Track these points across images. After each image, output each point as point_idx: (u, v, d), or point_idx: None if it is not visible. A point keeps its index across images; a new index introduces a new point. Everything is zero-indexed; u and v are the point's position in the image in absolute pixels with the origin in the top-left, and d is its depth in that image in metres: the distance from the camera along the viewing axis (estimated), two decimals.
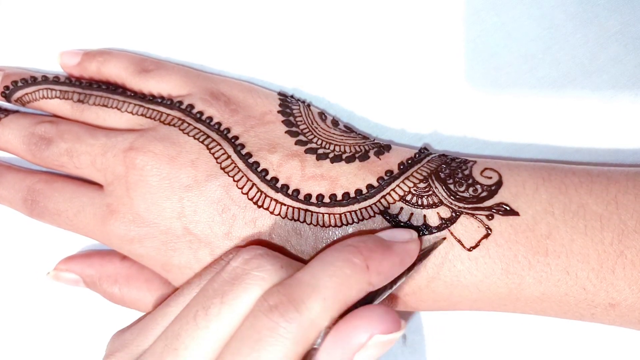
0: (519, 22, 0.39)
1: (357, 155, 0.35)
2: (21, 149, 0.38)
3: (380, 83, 0.40)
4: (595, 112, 0.38)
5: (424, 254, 0.32)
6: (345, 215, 0.33)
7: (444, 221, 0.32)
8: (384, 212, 0.33)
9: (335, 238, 0.33)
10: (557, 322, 0.38)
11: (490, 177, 0.33)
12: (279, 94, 0.39)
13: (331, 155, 0.35)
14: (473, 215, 0.32)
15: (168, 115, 0.37)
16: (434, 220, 0.33)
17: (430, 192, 0.33)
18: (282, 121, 0.36)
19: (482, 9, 0.39)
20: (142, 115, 0.37)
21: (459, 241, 0.32)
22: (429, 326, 0.39)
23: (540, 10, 0.39)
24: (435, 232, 0.32)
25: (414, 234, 0.32)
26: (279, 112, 0.37)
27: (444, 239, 0.32)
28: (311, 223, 0.33)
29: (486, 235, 0.32)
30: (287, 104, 0.38)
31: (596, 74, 0.38)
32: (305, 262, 0.31)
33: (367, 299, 0.29)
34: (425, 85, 0.40)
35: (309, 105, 0.38)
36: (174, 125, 0.36)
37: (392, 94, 0.40)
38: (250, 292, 0.28)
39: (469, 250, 0.32)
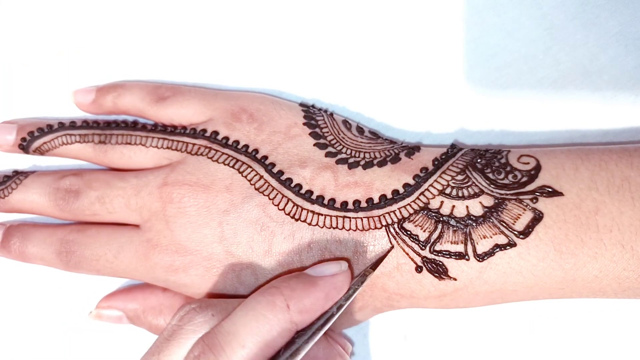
0: (519, 22, 0.39)
1: (388, 159, 0.35)
2: (48, 206, 0.38)
3: (380, 84, 0.40)
4: (595, 113, 0.38)
5: (359, 280, 0.32)
6: (384, 216, 0.33)
7: (488, 209, 0.32)
8: (425, 208, 0.33)
9: (375, 241, 0.33)
10: (554, 320, 0.38)
11: (528, 163, 0.33)
12: (301, 105, 0.39)
13: (362, 162, 0.35)
14: (517, 200, 0.32)
15: (194, 145, 0.37)
16: (477, 210, 0.32)
17: (469, 183, 0.33)
18: (310, 134, 0.36)
19: (483, 9, 0.39)
20: (167, 148, 0.37)
21: (508, 227, 0.31)
22: (429, 324, 0.39)
23: (540, 10, 0.39)
24: (468, 221, 0.32)
25: (343, 265, 0.32)
26: (304, 124, 0.37)
27: (376, 266, 0.32)
28: (350, 229, 0.33)
29: (535, 218, 0.31)
30: (311, 115, 0.38)
31: (596, 74, 0.38)
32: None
33: (306, 335, 0.29)
34: (425, 85, 0.39)
35: (332, 115, 0.38)
36: (201, 154, 0.36)
37: (392, 95, 0.40)
38: (183, 346, 0.29)
39: (518, 235, 0.31)
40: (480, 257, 0.31)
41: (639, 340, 0.38)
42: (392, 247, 0.33)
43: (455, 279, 0.32)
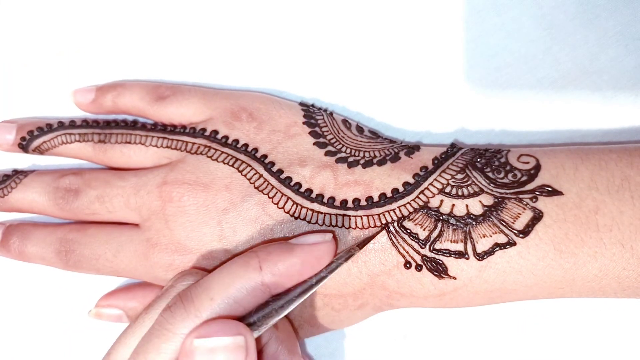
0: (519, 22, 0.39)
1: (387, 157, 0.35)
2: (47, 206, 0.38)
3: (380, 84, 0.40)
4: (595, 113, 0.38)
5: (344, 256, 0.32)
6: (384, 215, 0.33)
7: (487, 208, 0.32)
8: (425, 207, 0.33)
9: (374, 239, 0.33)
10: (554, 320, 0.38)
11: (528, 162, 0.33)
12: (301, 104, 0.39)
13: (362, 161, 0.35)
14: (517, 199, 0.32)
15: (194, 144, 0.37)
16: (477, 209, 0.32)
17: (469, 182, 0.33)
18: (309, 133, 0.36)
19: (483, 9, 0.39)
20: (167, 147, 0.37)
21: (507, 226, 0.31)
22: (429, 324, 0.39)
23: (540, 10, 0.39)
24: (467, 220, 0.32)
25: (327, 236, 0.32)
26: (304, 123, 0.37)
27: (363, 245, 0.32)
28: (349, 227, 0.33)
29: (534, 217, 0.31)
30: (310, 114, 0.38)
31: (596, 74, 0.38)
32: None
33: (281, 301, 0.30)
34: (425, 85, 0.39)
35: (331, 114, 0.38)
36: (201, 153, 0.36)
37: (392, 95, 0.40)
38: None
39: (518, 234, 0.31)
40: (480, 256, 0.31)
41: (639, 340, 0.38)
42: (383, 227, 0.33)
43: (454, 278, 0.32)
